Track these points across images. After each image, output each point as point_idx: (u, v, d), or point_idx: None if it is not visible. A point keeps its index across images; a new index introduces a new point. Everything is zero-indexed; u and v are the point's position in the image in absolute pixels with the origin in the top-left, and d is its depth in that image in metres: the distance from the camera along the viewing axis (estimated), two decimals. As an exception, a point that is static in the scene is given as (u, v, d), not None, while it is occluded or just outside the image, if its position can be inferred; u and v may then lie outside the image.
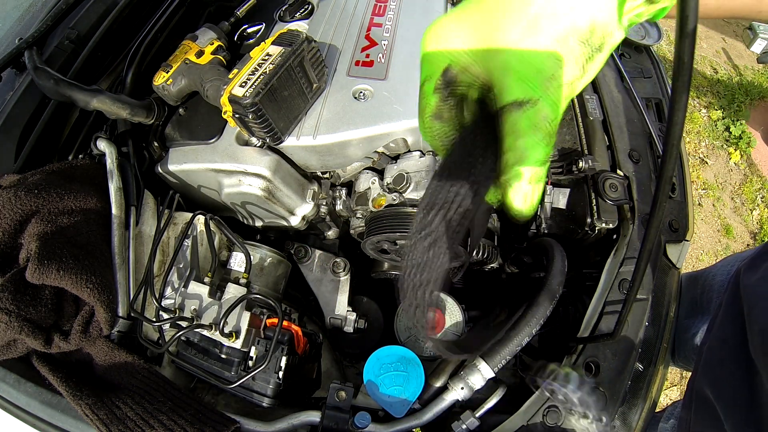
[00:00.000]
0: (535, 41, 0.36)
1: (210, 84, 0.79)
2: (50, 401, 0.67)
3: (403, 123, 0.75)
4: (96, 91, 0.76)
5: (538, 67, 0.36)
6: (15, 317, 0.61)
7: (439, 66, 0.40)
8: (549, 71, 0.36)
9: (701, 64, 2.99)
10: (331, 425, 0.65)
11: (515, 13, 0.36)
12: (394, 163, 0.81)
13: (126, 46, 0.95)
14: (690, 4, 0.29)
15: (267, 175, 0.77)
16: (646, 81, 1.02)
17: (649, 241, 0.43)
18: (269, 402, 0.69)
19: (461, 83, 0.40)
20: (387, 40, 0.87)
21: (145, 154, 0.87)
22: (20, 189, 0.67)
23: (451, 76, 0.40)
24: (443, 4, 0.94)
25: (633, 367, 0.69)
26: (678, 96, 0.32)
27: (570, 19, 0.36)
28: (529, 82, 0.36)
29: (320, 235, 0.98)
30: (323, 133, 0.76)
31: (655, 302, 0.75)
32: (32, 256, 0.62)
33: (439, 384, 0.71)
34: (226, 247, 0.83)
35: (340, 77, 0.82)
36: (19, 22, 1.01)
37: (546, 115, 0.36)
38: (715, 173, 2.58)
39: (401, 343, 0.83)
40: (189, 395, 0.65)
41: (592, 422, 0.62)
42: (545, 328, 0.69)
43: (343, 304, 0.87)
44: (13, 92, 0.84)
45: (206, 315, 0.70)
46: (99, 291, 0.64)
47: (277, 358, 0.69)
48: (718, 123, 2.71)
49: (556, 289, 0.67)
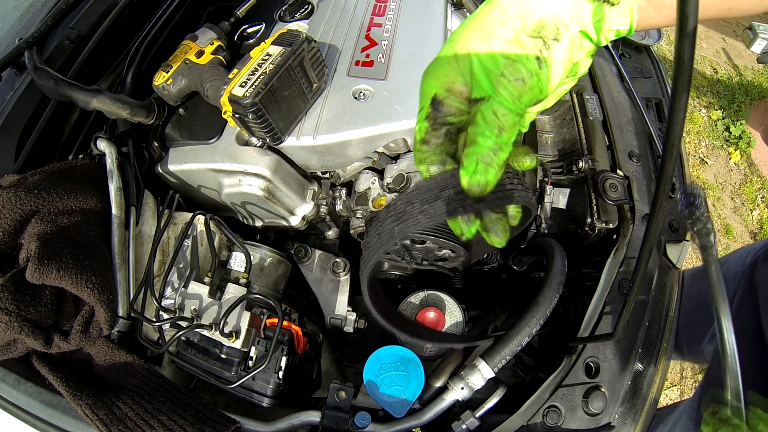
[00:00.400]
0: (488, 45, 0.42)
1: (210, 84, 0.79)
2: (50, 401, 0.67)
3: (403, 123, 0.75)
4: (96, 91, 0.76)
5: (488, 68, 0.42)
6: (15, 317, 0.61)
7: (429, 95, 0.46)
8: (497, 70, 0.41)
9: (701, 64, 2.99)
10: (331, 425, 0.65)
11: (477, 28, 0.44)
12: (394, 163, 0.81)
13: (126, 46, 0.95)
14: (690, 4, 0.29)
15: (267, 175, 0.77)
16: (646, 81, 1.03)
17: (649, 241, 0.43)
18: (269, 402, 0.69)
19: (447, 107, 0.45)
20: (387, 40, 0.87)
21: (145, 154, 0.87)
22: (20, 189, 0.67)
23: (438, 101, 0.46)
24: (443, 4, 0.95)
25: (633, 367, 0.69)
26: (678, 96, 0.32)
27: (519, 22, 0.42)
28: (482, 81, 0.42)
29: (320, 235, 0.98)
30: (323, 133, 0.76)
31: (655, 302, 0.75)
32: (32, 256, 0.62)
33: (439, 384, 0.71)
34: (226, 247, 0.83)
35: (340, 77, 0.82)
36: (19, 22, 1.01)
37: (495, 109, 0.41)
38: (715, 173, 2.58)
39: (401, 343, 0.83)
40: (189, 395, 0.65)
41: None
42: (545, 328, 0.69)
43: (343, 304, 0.86)
44: (13, 92, 0.84)
45: (206, 315, 0.70)
46: (99, 291, 0.64)
47: (277, 358, 0.69)
48: (718, 123, 2.71)
49: (556, 289, 0.67)
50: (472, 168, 0.42)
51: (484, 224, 0.47)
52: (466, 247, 0.80)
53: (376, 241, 0.48)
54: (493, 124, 0.41)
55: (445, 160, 0.47)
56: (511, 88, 0.41)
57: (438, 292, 0.87)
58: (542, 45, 0.42)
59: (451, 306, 0.85)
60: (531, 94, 0.42)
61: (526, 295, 0.70)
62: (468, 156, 0.42)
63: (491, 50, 0.42)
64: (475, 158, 0.41)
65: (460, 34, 0.45)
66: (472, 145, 0.42)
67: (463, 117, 0.46)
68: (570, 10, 0.42)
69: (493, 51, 0.42)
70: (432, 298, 0.87)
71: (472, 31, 0.44)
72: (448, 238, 0.61)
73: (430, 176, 0.46)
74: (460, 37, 0.45)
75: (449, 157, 0.47)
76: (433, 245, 0.78)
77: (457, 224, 0.48)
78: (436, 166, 0.46)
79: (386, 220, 0.47)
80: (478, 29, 0.44)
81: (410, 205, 0.45)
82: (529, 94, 0.42)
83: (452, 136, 0.47)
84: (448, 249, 0.77)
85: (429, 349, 0.84)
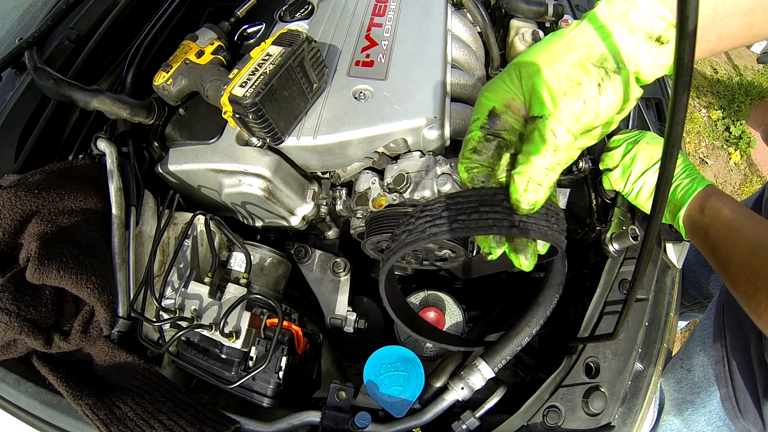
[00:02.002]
0: (554, 67, 0.45)
1: (210, 84, 0.79)
2: (50, 401, 0.67)
3: (403, 123, 0.75)
4: (96, 91, 0.76)
5: (551, 86, 0.44)
6: (15, 317, 0.61)
7: (487, 107, 0.48)
8: (561, 89, 0.43)
9: (701, 64, 2.99)
10: (331, 425, 0.65)
11: (544, 52, 0.46)
12: (395, 163, 0.81)
13: (126, 46, 0.95)
14: (690, 4, 0.29)
15: (267, 175, 0.77)
16: (646, 81, 1.02)
17: (649, 241, 0.43)
18: (269, 402, 0.69)
19: (503, 121, 0.48)
20: (387, 40, 0.87)
21: (145, 154, 0.87)
22: (20, 189, 0.67)
23: (495, 114, 0.48)
24: (443, 4, 0.95)
25: (633, 367, 0.69)
26: (678, 96, 0.32)
27: (585, 51, 0.45)
28: (543, 99, 0.44)
29: (320, 235, 0.98)
30: (323, 133, 0.76)
31: (655, 302, 0.75)
32: (32, 256, 0.62)
33: (439, 384, 0.71)
34: (226, 247, 0.83)
35: (341, 77, 0.82)
36: (19, 22, 1.01)
37: (553, 128, 0.43)
38: (715, 173, 2.58)
39: (401, 343, 0.83)
40: (189, 395, 0.65)
41: None
42: (545, 328, 0.69)
43: (343, 304, 0.86)
44: (13, 92, 0.84)
45: (206, 315, 0.70)
46: (99, 291, 0.64)
47: (277, 358, 0.69)
48: (718, 123, 2.71)
49: (556, 289, 0.67)
50: (523, 186, 0.43)
51: (515, 246, 0.49)
52: (470, 263, 0.81)
53: (405, 237, 0.48)
54: (549, 142, 0.43)
55: (490, 175, 0.48)
56: (572, 107, 0.43)
57: (438, 292, 0.87)
58: (604, 74, 0.44)
59: (451, 306, 0.85)
60: (588, 118, 0.44)
61: (526, 295, 0.70)
62: (520, 174, 0.43)
63: (557, 71, 0.44)
64: (527, 176, 0.43)
65: (526, 57, 0.47)
66: (526, 163, 0.43)
67: (515, 138, 0.48)
68: (631, 49, 0.45)
69: (558, 72, 0.44)
70: (432, 298, 0.87)
71: (538, 54, 0.46)
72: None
73: (473, 188, 0.48)
74: (526, 59, 0.47)
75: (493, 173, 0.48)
76: (433, 245, 0.78)
77: (487, 242, 0.50)
78: (482, 178, 0.48)
79: (420, 219, 0.47)
80: (544, 53, 0.46)
81: (448, 210, 0.45)
82: (586, 117, 0.44)
83: (500, 152, 0.48)
84: (449, 249, 0.77)
85: (429, 349, 0.84)
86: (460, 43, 0.94)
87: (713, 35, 0.48)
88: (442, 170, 0.75)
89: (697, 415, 0.94)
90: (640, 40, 0.44)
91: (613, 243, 0.75)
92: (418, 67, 0.82)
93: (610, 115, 0.45)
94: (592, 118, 0.44)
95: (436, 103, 0.76)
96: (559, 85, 0.44)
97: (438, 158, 0.78)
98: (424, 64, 0.83)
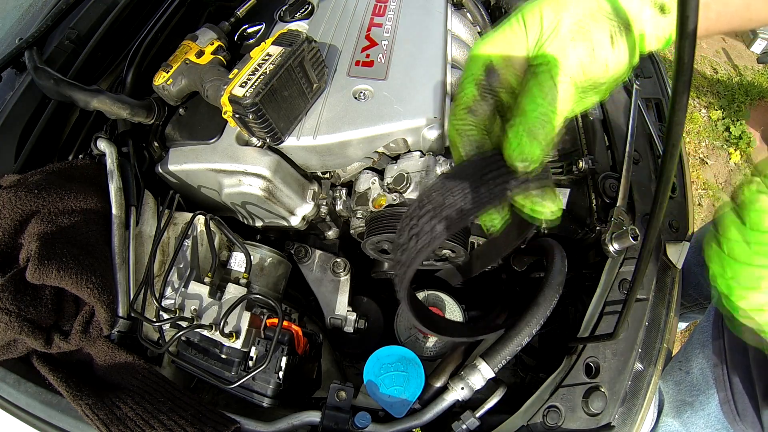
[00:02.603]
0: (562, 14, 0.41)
1: (210, 84, 0.79)
2: (50, 401, 0.67)
3: (403, 123, 0.75)
4: (96, 91, 0.76)
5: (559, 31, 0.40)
6: (15, 317, 0.61)
7: (483, 61, 0.43)
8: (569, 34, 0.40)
9: (701, 64, 2.99)
10: (331, 425, 0.65)
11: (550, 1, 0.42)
12: (395, 163, 0.81)
13: (126, 46, 0.95)
14: (690, 4, 0.29)
15: (267, 175, 0.77)
16: (646, 81, 1.02)
17: (649, 241, 0.43)
18: (269, 402, 0.69)
19: (502, 77, 0.43)
20: (387, 40, 0.87)
21: (145, 154, 0.87)
22: (20, 189, 0.67)
23: (493, 69, 0.43)
24: (443, 4, 0.94)
25: (633, 367, 0.69)
26: (678, 96, 0.32)
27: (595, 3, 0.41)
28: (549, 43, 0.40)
29: (320, 235, 0.98)
30: (323, 133, 0.76)
31: (655, 302, 0.75)
32: (32, 256, 0.62)
33: (439, 384, 0.71)
34: (226, 247, 0.83)
35: (341, 77, 0.82)
36: (19, 22, 1.01)
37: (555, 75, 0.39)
38: (715, 173, 2.57)
39: (401, 343, 0.83)
40: (189, 395, 0.65)
41: None
42: (545, 328, 0.69)
43: (343, 304, 0.86)
44: (13, 92, 0.84)
45: (206, 315, 0.70)
46: (99, 291, 0.64)
47: (277, 358, 0.69)
48: (718, 123, 2.71)
49: (556, 289, 0.67)
50: (517, 140, 0.39)
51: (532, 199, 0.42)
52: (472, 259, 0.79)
53: (413, 245, 0.41)
54: (547, 90, 0.39)
55: (484, 140, 0.43)
56: (580, 53, 0.39)
57: (438, 292, 0.87)
58: (615, 27, 0.41)
59: (451, 306, 0.85)
60: (595, 68, 0.40)
61: (526, 295, 0.70)
62: (513, 127, 0.39)
63: (564, 18, 0.40)
64: (521, 128, 0.39)
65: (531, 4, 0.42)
66: (521, 115, 0.39)
67: (513, 101, 0.43)
68: (636, 12, 0.42)
69: (566, 19, 0.40)
70: (432, 298, 0.87)
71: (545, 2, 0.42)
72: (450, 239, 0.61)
73: (467, 159, 0.42)
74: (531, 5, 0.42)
75: (488, 136, 0.43)
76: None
77: (488, 216, 0.45)
78: (474, 144, 0.43)
79: (422, 218, 0.41)
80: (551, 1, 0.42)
81: (450, 196, 0.40)
82: (593, 68, 0.40)
83: (495, 113, 0.43)
84: (448, 249, 0.77)
85: (429, 349, 0.84)
86: (460, 43, 0.94)
87: (713, 12, 0.47)
88: (442, 170, 0.76)
89: (696, 418, 0.94)
90: (645, 5, 0.42)
91: (613, 243, 0.75)
92: (418, 67, 0.82)
93: (615, 73, 0.42)
94: (599, 70, 0.41)
95: (436, 103, 0.76)
96: (568, 30, 0.40)
97: (438, 158, 0.78)
98: (424, 64, 0.83)
